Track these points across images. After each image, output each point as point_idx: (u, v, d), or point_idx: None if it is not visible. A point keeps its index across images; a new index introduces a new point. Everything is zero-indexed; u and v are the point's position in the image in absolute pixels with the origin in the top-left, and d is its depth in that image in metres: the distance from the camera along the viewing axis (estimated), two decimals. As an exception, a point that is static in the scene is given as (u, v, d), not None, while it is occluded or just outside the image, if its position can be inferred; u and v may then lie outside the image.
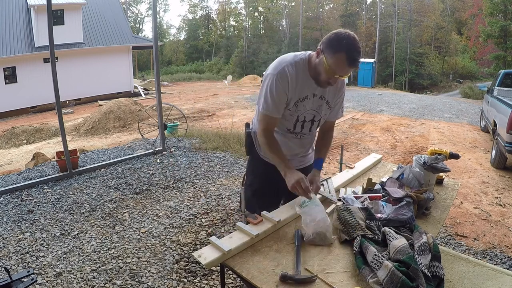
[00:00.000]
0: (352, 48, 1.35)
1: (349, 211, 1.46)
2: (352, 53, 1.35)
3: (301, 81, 1.51)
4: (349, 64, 1.36)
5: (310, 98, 1.56)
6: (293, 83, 1.50)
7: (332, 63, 1.37)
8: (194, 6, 41.61)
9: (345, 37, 1.36)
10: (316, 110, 1.61)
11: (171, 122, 6.71)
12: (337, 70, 1.38)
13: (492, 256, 2.63)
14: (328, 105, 1.63)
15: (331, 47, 1.37)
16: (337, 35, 1.38)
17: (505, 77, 7.26)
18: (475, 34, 25.36)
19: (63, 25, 15.04)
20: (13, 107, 14.34)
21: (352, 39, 1.36)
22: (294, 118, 1.60)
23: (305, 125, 1.64)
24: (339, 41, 1.36)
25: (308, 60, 1.51)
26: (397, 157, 5.33)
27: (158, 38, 5.64)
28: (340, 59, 1.35)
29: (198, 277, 2.30)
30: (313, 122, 1.65)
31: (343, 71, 1.39)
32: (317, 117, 1.64)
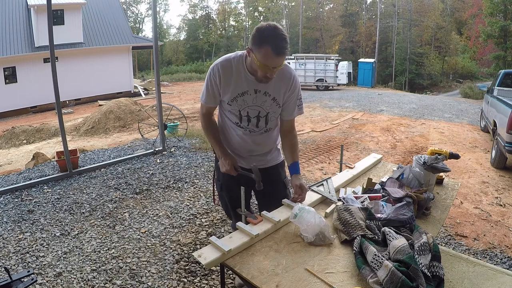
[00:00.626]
0: (275, 37, 1.37)
1: (349, 211, 1.46)
2: (276, 42, 1.37)
3: (237, 76, 1.57)
4: (276, 54, 1.38)
5: (251, 94, 1.60)
6: (226, 78, 1.57)
7: (261, 57, 1.40)
8: (194, 6, 41.61)
9: (266, 29, 1.38)
10: (259, 106, 1.64)
11: (171, 122, 6.71)
12: (267, 62, 1.41)
13: (492, 256, 2.63)
14: (275, 102, 1.64)
15: (256, 43, 1.40)
16: (258, 30, 1.40)
17: (505, 77, 7.25)
18: (475, 34, 25.35)
19: (63, 25, 15.04)
20: (13, 107, 14.34)
21: (273, 28, 1.38)
22: (237, 113, 1.66)
23: (250, 120, 1.67)
24: (261, 35, 1.39)
25: (245, 58, 1.55)
26: (397, 157, 5.33)
27: (158, 38, 5.64)
28: (267, 52, 1.38)
29: (198, 277, 2.30)
30: (259, 118, 1.67)
31: (274, 62, 1.41)
32: (262, 113, 1.66)
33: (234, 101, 1.62)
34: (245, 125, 1.69)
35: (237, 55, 1.59)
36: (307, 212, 1.39)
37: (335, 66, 18.73)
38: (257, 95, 1.61)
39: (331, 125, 7.82)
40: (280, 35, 1.38)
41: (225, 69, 1.57)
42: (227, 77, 1.57)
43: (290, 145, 1.76)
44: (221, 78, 1.58)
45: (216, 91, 1.62)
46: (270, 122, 1.71)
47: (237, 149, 1.78)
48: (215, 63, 1.61)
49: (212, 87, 1.62)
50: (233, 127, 1.73)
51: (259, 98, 1.62)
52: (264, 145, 1.78)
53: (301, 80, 18.54)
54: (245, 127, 1.70)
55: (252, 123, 1.68)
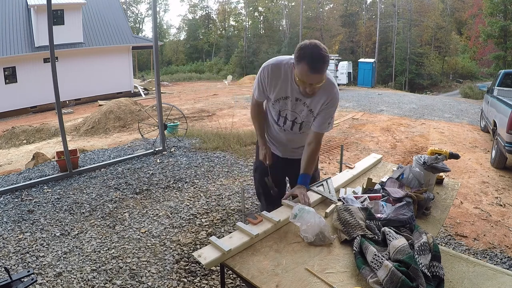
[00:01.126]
0: (312, 56, 1.44)
1: (349, 211, 1.46)
2: (313, 60, 1.44)
3: (283, 82, 1.68)
4: (311, 72, 1.45)
5: (292, 100, 1.72)
6: (272, 81, 1.69)
7: (299, 73, 1.50)
8: (194, 6, 41.62)
9: (305, 47, 1.46)
10: (297, 113, 1.76)
11: (171, 122, 6.71)
12: (304, 78, 1.48)
13: (492, 256, 2.63)
14: (311, 113, 1.74)
15: (296, 59, 1.50)
16: (300, 47, 1.49)
17: (505, 77, 7.25)
18: (475, 34, 25.35)
19: (63, 25, 15.04)
20: (13, 107, 14.33)
21: (313, 47, 1.44)
22: (277, 112, 1.82)
23: (287, 122, 1.83)
24: (300, 52, 1.47)
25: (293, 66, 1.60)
26: (397, 157, 5.33)
27: (158, 38, 5.64)
28: (303, 68, 1.46)
29: (198, 277, 2.30)
30: (294, 123, 1.82)
31: (310, 79, 1.48)
32: (298, 119, 1.79)
33: (277, 102, 1.76)
34: (281, 124, 1.86)
35: (288, 62, 1.66)
36: (307, 213, 1.39)
37: (335, 66, 18.71)
38: (297, 103, 1.72)
39: (331, 125, 7.80)
40: (318, 54, 1.44)
41: (274, 71, 1.67)
42: (275, 79, 1.68)
43: (307, 156, 1.76)
44: (269, 79, 1.70)
45: (264, 89, 1.76)
46: (304, 128, 1.83)
47: (274, 138, 1.99)
48: (267, 64, 1.71)
49: (261, 85, 1.75)
50: (273, 122, 1.91)
51: (298, 106, 1.73)
52: (296, 142, 1.94)
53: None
54: (281, 125, 1.86)
55: (287, 125, 1.84)
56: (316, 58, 1.44)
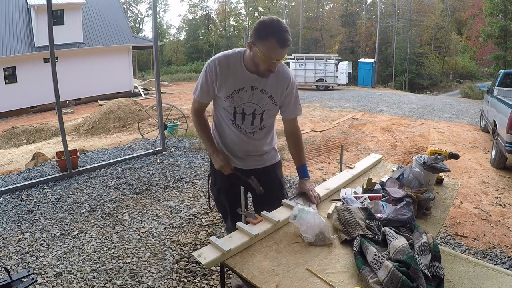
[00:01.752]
0: (279, 30, 1.40)
1: (349, 211, 1.46)
2: (281, 35, 1.40)
3: (234, 73, 1.58)
4: (281, 46, 1.41)
5: (247, 91, 1.60)
6: (223, 74, 1.57)
7: (266, 50, 1.41)
8: (194, 6, 41.59)
9: (269, 23, 1.41)
10: (255, 103, 1.64)
11: (171, 122, 6.71)
12: (272, 55, 1.43)
13: (492, 256, 2.63)
14: (272, 100, 1.64)
15: (260, 36, 1.42)
16: (262, 24, 1.42)
17: (505, 77, 7.25)
18: (475, 34, 25.35)
19: (63, 25, 15.04)
20: (13, 107, 14.34)
21: (276, 22, 1.41)
22: (232, 110, 1.65)
23: (245, 118, 1.67)
24: (265, 28, 1.41)
25: (243, 54, 1.57)
26: (397, 157, 5.33)
27: (158, 38, 5.64)
28: (272, 44, 1.40)
29: (198, 277, 2.30)
30: (255, 116, 1.67)
31: (278, 54, 1.43)
32: (258, 110, 1.66)
33: (230, 98, 1.61)
34: (239, 123, 1.68)
35: (234, 52, 1.60)
36: (307, 213, 1.39)
37: (335, 66, 18.72)
38: (254, 92, 1.61)
39: (331, 125, 7.82)
40: (283, 28, 1.41)
41: (222, 65, 1.57)
42: (224, 73, 1.57)
43: (295, 146, 1.77)
44: (217, 74, 1.58)
45: (211, 87, 1.62)
46: (265, 120, 1.70)
47: (233, 149, 1.76)
48: (212, 59, 1.60)
49: (207, 83, 1.62)
50: (229, 126, 1.71)
51: (256, 95, 1.62)
52: (260, 146, 1.77)
53: (301, 80, 18.54)
54: (239, 125, 1.69)
55: (247, 121, 1.67)
56: (283, 32, 1.40)
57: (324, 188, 1.84)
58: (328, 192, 1.81)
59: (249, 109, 1.65)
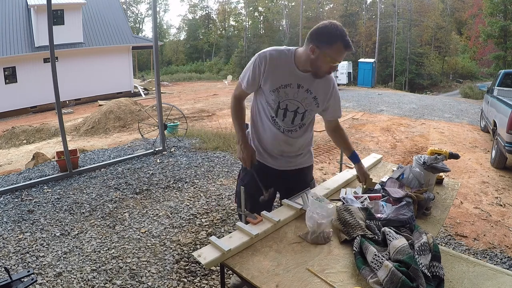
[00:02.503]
0: (344, 35, 1.48)
1: (349, 211, 1.46)
2: (346, 39, 1.49)
3: (283, 68, 1.62)
4: (346, 49, 1.51)
5: (293, 88, 1.64)
6: (272, 67, 1.61)
7: (332, 53, 1.49)
8: (194, 6, 41.62)
9: (335, 28, 1.49)
10: (299, 102, 1.66)
11: (171, 122, 6.71)
12: (337, 57, 1.51)
13: (492, 256, 2.63)
14: (315, 101, 1.68)
15: (325, 41, 1.49)
16: (326, 29, 1.49)
17: (505, 77, 7.25)
18: (475, 34, 25.36)
19: (63, 25, 15.04)
20: (13, 107, 14.34)
21: (340, 27, 1.50)
22: (276, 104, 1.67)
23: (287, 114, 1.69)
24: (332, 33, 1.48)
25: (295, 54, 1.62)
26: (397, 157, 5.33)
27: (158, 38, 5.64)
28: (339, 48, 1.49)
29: (198, 277, 2.30)
30: (296, 114, 1.69)
31: (342, 57, 1.53)
32: (300, 109, 1.68)
33: (276, 92, 1.64)
34: (280, 120, 1.70)
35: (286, 49, 1.64)
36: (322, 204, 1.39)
37: (335, 66, 18.68)
38: (299, 90, 1.64)
39: (331, 125, 7.80)
40: (345, 32, 1.50)
41: (273, 58, 1.61)
42: (273, 66, 1.61)
43: (341, 139, 1.91)
44: (266, 66, 1.61)
45: (257, 77, 1.65)
46: (306, 119, 1.73)
47: (268, 147, 1.78)
48: (263, 51, 1.64)
49: (255, 73, 1.64)
50: (268, 123, 1.73)
51: (301, 93, 1.65)
52: (296, 146, 1.78)
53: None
54: (279, 123, 1.71)
55: (288, 118, 1.69)
56: (347, 36, 1.49)
57: (324, 188, 1.84)
58: (328, 192, 1.81)
59: (292, 106, 1.67)
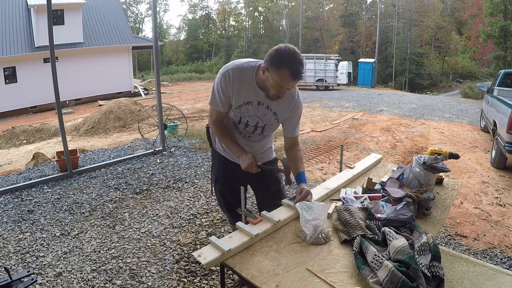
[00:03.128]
0: (293, 62, 1.42)
1: (349, 211, 1.46)
2: (294, 67, 1.42)
3: (246, 87, 1.60)
4: (293, 78, 1.44)
5: (254, 105, 1.65)
6: (236, 86, 1.60)
7: (277, 78, 1.45)
8: (194, 6, 41.62)
9: (286, 53, 1.42)
10: (259, 117, 1.70)
11: (171, 122, 6.71)
12: (283, 84, 1.46)
13: (492, 256, 2.63)
14: (275, 117, 1.70)
15: (274, 64, 1.44)
16: (277, 52, 1.44)
17: (505, 77, 7.25)
18: (475, 34, 25.36)
19: (63, 25, 15.04)
20: (13, 107, 14.34)
21: (293, 53, 1.43)
22: (237, 119, 1.72)
23: (248, 128, 1.75)
24: (280, 58, 1.43)
25: (257, 70, 1.59)
26: (397, 157, 5.33)
27: (158, 38, 5.64)
28: (284, 74, 1.43)
29: (198, 277, 2.30)
30: (256, 128, 1.74)
31: (289, 84, 1.47)
32: (260, 123, 1.72)
33: (238, 109, 1.67)
34: (241, 128, 1.76)
35: (249, 65, 1.61)
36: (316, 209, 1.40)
37: (335, 66, 18.73)
38: (260, 107, 1.66)
39: (331, 125, 7.82)
40: (298, 60, 1.43)
41: (235, 76, 1.59)
42: (238, 84, 1.60)
43: (294, 159, 1.79)
44: (232, 84, 1.60)
45: (227, 96, 1.64)
46: (266, 131, 1.78)
47: None
48: (227, 69, 1.61)
49: (224, 93, 1.63)
50: (231, 128, 1.79)
51: (261, 110, 1.67)
52: (257, 148, 1.86)
53: (301, 80, 18.52)
54: (241, 130, 1.77)
55: (248, 129, 1.76)
56: (297, 64, 1.43)
57: (324, 188, 1.84)
58: (328, 192, 1.81)
59: (252, 121, 1.72)
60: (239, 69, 1.60)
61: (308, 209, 1.41)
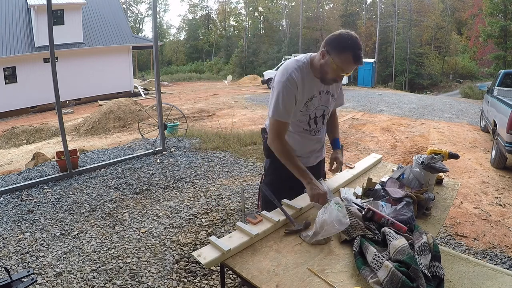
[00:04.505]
0: (356, 46, 1.45)
1: (349, 211, 1.46)
2: (357, 51, 1.46)
3: (307, 83, 1.61)
4: (355, 62, 1.47)
5: (317, 96, 1.67)
6: (300, 86, 1.59)
7: (340, 62, 1.47)
8: (194, 6, 41.63)
9: (349, 37, 1.46)
10: (324, 105, 1.73)
11: (171, 122, 6.71)
12: (344, 68, 1.49)
13: (492, 256, 2.63)
14: (333, 98, 1.77)
15: (337, 48, 1.47)
16: (341, 36, 1.48)
17: (505, 77, 7.25)
18: (475, 34, 25.36)
19: (63, 25, 15.05)
20: (13, 107, 14.34)
21: (355, 38, 1.47)
22: (307, 118, 1.70)
23: (317, 121, 1.75)
24: (344, 42, 1.46)
25: (311, 62, 1.62)
26: (397, 157, 5.33)
27: (158, 38, 5.64)
28: (347, 58, 1.46)
29: (198, 277, 2.30)
30: (324, 116, 1.78)
31: (350, 69, 1.51)
32: (326, 111, 1.77)
33: (305, 107, 1.66)
34: (313, 127, 1.75)
35: (302, 62, 1.61)
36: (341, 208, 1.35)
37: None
38: (322, 95, 1.69)
39: (331, 125, 7.80)
40: (360, 45, 1.46)
41: (299, 77, 1.58)
42: (302, 84, 1.59)
43: (333, 124, 1.96)
44: (299, 86, 1.57)
45: (293, 102, 1.59)
46: (327, 116, 1.81)
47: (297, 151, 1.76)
48: (287, 74, 1.56)
49: (289, 100, 1.57)
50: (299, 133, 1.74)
51: (323, 97, 1.70)
52: (323, 139, 1.89)
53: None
54: (313, 129, 1.76)
55: (319, 123, 1.76)
56: (359, 49, 1.46)
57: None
58: (328, 192, 1.80)
59: (319, 112, 1.73)
60: (297, 69, 1.59)
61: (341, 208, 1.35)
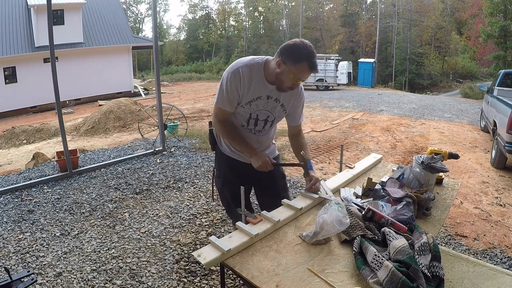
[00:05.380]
0: (311, 55, 1.50)
1: (349, 211, 1.46)
2: (312, 60, 1.51)
3: (255, 83, 1.65)
4: (310, 70, 1.53)
5: (263, 99, 1.69)
6: (246, 82, 1.63)
7: (296, 71, 1.52)
8: (194, 6, 41.61)
9: (304, 47, 1.50)
10: (269, 111, 1.75)
11: (171, 122, 6.71)
12: (301, 76, 1.54)
13: (492, 256, 2.63)
14: (283, 108, 1.76)
15: (293, 58, 1.51)
16: (296, 46, 1.51)
17: (505, 77, 7.25)
18: (475, 34, 25.36)
19: (63, 25, 15.04)
20: (13, 107, 14.33)
21: (310, 47, 1.51)
22: (247, 115, 1.74)
23: (258, 123, 1.78)
24: (299, 52, 1.50)
25: (265, 65, 1.64)
26: (397, 157, 5.33)
27: (158, 38, 5.64)
28: (303, 67, 1.51)
29: (198, 277, 2.30)
30: (267, 122, 1.79)
31: (306, 77, 1.56)
32: (270, 117, 1.78)
33: (248, 105, 1.70)
34: (251, 127, 1.80)
35: (255, 62, 1.65)
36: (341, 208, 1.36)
37: (335, 66, 18.73)
38: (269, 101, 1.71)
39: (331, 125, 7.82)
40: (314, 53, 1.52)
41: (247, 73, 1.63)
42: (248, 81, 1.63)
43: (300, 146, 1.89)
44: (243, 82, 1.62)
45: (235, 95, 1.66)
46: (274, 123, 1.84)
47: None
48: (236, 67, 1.63)
49: (233, 91, 1.64)
50: (239, 126, 1.81)
51: (270, 104, 1.72)
52: (264, 143, 1.90)
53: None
54: (251, 126, 1.79)
55: (258, 126, 1.79)
56: (314, 58, 1.51)
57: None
58: (328, 192, 1.81)
59: (262, 116, 1.75)
60: (248, 66, 1.63)
61: (341, 208, 1.36)
